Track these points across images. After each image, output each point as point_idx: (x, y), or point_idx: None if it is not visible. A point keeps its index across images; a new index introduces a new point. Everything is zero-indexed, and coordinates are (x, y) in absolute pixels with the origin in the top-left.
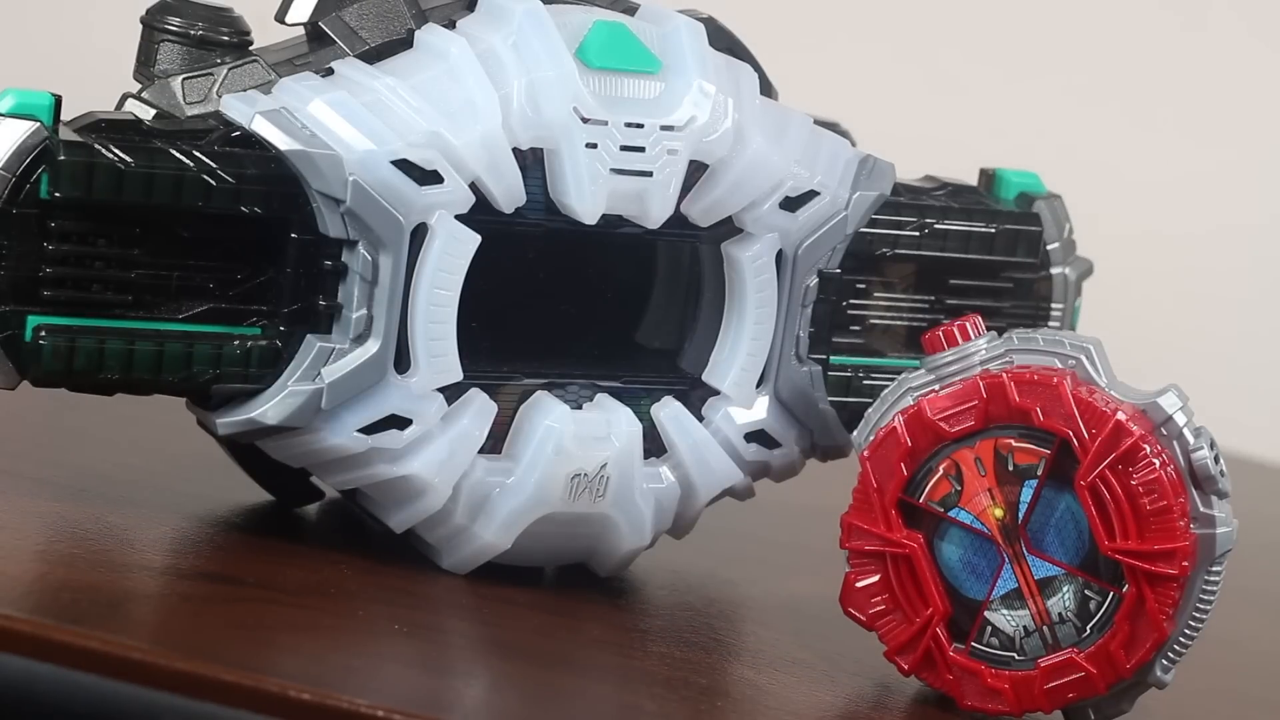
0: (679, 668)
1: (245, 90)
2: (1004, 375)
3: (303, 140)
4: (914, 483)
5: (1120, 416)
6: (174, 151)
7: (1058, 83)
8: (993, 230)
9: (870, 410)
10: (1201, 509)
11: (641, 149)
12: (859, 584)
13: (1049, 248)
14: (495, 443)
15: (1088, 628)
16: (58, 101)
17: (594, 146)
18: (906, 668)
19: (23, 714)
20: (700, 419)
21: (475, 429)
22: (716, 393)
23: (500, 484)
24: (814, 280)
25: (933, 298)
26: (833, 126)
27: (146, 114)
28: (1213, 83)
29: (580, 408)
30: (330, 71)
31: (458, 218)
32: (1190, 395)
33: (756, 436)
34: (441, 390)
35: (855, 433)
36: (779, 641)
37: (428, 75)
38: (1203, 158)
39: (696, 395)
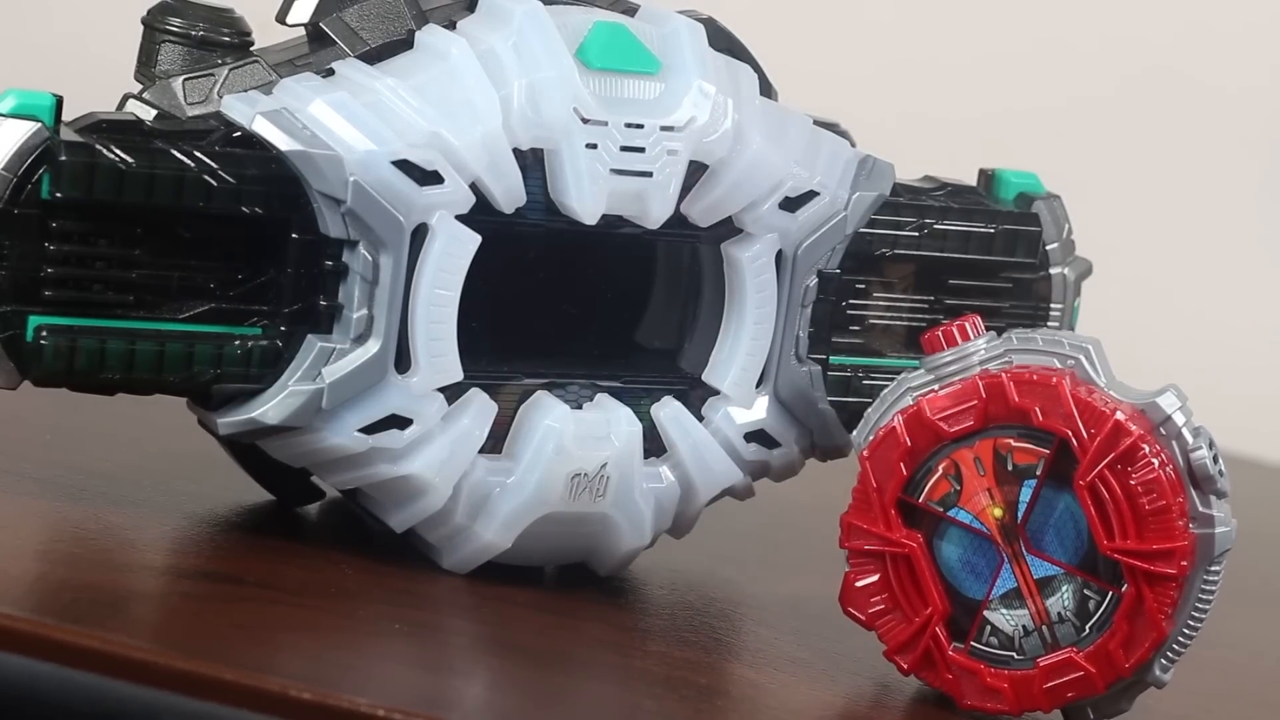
0: (679, 667)
1: (246, 91)
2: (1003, 375)
3: (303, 141)
4: (913, 482)
5: (1119, 416)
6: (175, 152)
7: (1058, 82)
8: (992, 230)
9: (870, 410)
10: (1200, 509)
11: (641, 149)
12: (859, 583)
13: (1048, 248)
14: (495, 443)
15: (1087, 627)
16: (59, 102)
17: (594, 147)
18: (906, 667)
19: (23, 714)
20: (700, 419)
21: (475, 429)
22: (716, 393)
23: (500, 484)
24: (814, 280)
25: (932, 298)
26: (832, 126)
27: (147, 114)
28: (1207, 79)
29: (580, 408)
30: (331, 72)
31: (458, 218)
32: (1189, 395)
33: (756, 436)
34: (442, 390)
35: (855, 433)
36: (779, 641)
37: (428, 76)
38: (1203, 156)
39: (696, 395)
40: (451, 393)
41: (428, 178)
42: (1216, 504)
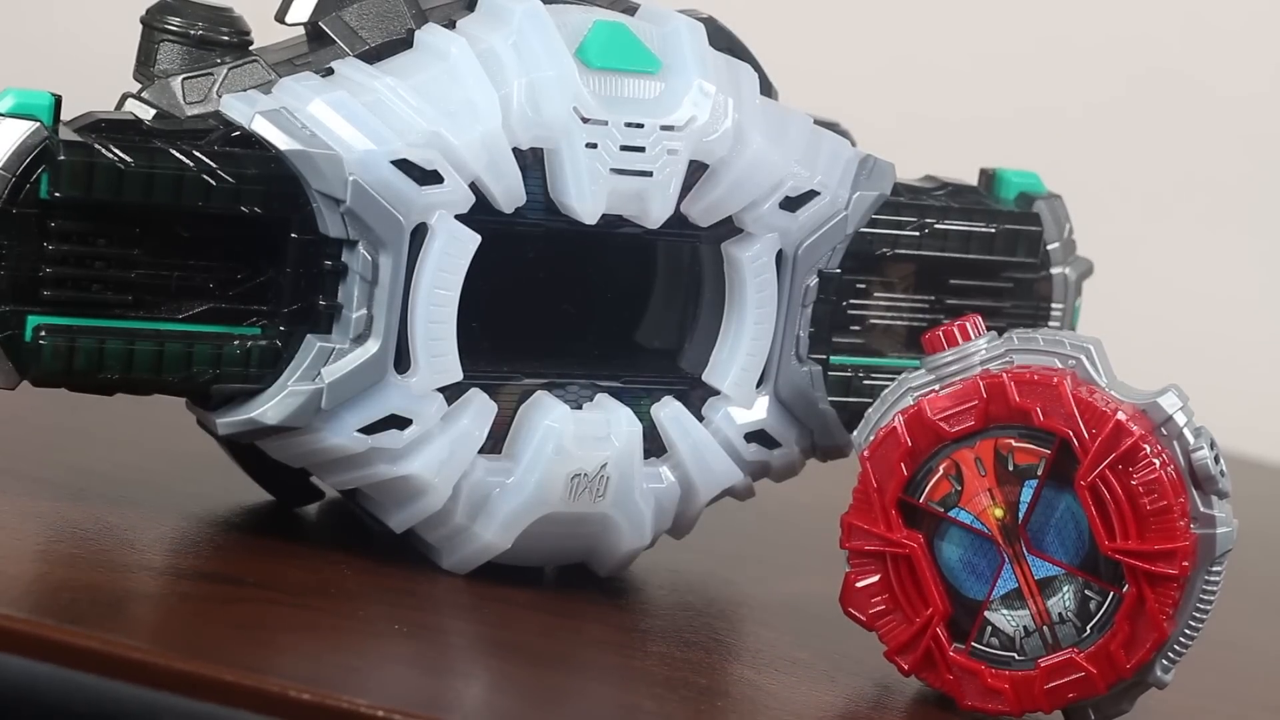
0: (679, 668)
1: (245, 90)
2: (1004, 375)
3: (303, 140)
4: (914, 483)
5: (1120, 416)
6: (174, 151)
7: (1059, 82)
8: (993, 230)
9: (870, 410)
10: (1202, 509)
11: (641, 149)
12: (859, 584)
13: (1049, 248)
14: (495, 443)
15: (1088, 628)
16: (58, 101)
17: (594, 146)
18: (906, 668)
19: (23, 714)
20: (700, 419)
21: (475, 429)
22: (716, 393)
23: (500, 484)
24: (814, 280)
25: (933, 298)
26: (833, 126)
27: (146, 114)
28: (1208, 80)
29: (580, 408)
30: (330, 71)
31: (458, 217)
32: (1190, 395)
33: (756, 436)
34: (441, 390)
35: (855, 433)
36: (779, 641)
37: (428, 75)
38: (1205, 156)
39: (696, 395)
40: (451, 393)
41: (427, 177)
42: (1218, 504)
